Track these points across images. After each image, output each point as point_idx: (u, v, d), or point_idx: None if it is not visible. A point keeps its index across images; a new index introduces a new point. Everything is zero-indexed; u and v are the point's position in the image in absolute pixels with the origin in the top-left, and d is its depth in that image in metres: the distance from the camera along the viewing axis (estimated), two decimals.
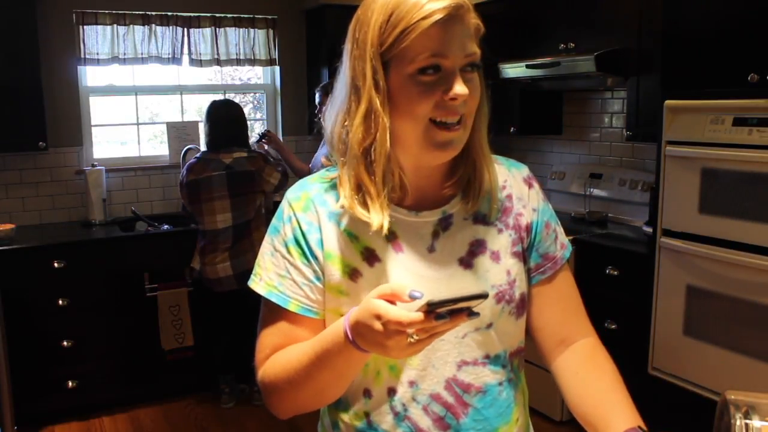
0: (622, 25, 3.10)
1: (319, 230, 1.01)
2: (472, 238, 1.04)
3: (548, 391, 3.07)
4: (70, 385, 3.47)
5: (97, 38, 3.90)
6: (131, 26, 3.97)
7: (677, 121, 2.58)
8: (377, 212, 0.97)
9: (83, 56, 3.88)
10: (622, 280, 2.96)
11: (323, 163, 1.04)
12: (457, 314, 0.80)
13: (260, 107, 4.69)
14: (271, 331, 1.02)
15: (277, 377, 0.98)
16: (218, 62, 4.23)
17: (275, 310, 1.02)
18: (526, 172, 1.13)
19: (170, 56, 4.09)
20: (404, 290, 0.83)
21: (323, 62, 4.28)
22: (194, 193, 3.39)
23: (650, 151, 3.26)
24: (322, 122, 1.06)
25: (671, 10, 2.72)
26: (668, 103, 2.60)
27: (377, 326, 0.82)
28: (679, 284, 2.61)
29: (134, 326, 3.60)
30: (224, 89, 4.51)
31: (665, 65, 2.78)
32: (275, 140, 3.88)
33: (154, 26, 4.02)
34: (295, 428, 3.30)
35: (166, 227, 3.90)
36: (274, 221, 1.06)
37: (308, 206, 1.03)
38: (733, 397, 0.82)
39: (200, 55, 4.17)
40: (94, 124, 4.08)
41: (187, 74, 4.33)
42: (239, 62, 4.31)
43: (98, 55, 3.92)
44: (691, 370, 2.59)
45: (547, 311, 1.09)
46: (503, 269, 1.04)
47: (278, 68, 4.50)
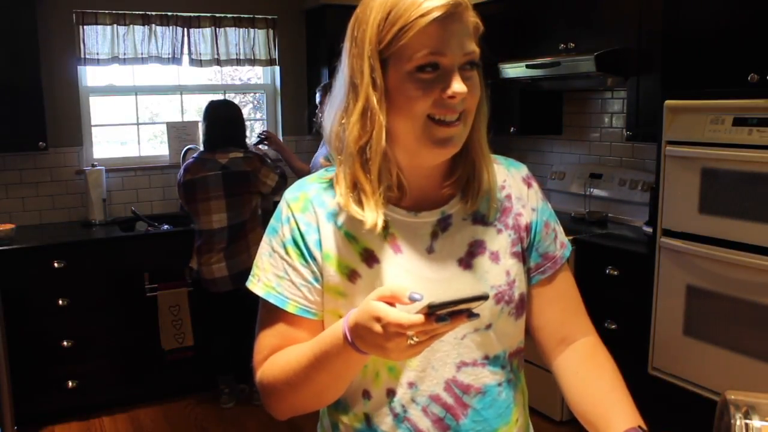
0: (622, 25, 3.10)
1: (317, 231, 1.01)
2: (471, 238, 1.03)
3: (548, 391, 3.07)
4: (70, 385, 3.47)
5: (97, 38, 3.91)
6: (131, 26, 3.97)
7: (677, 121, 2.58)
8: (371, 210, 0.96)
9: (83, 56, 3.88)
10: (622, 280, 2.96)
11: (322, 163, 1.03)
12: (457, 316, 0.80)
13: (260, 107, 4.68)
14: (269, 332, 1.02)
15: (275, 379, 0.98)
16: (218, 62, 4.23)
17: (273, 311, 1.01)
18: (525, 171, 1.12)
19: (170, 56, 4.09)
20: (404, 292, 0.82)
21: (323, 62, 4.27)
22: (190, 192, 3.40)
23: (650, 151, 3.26)
24: (321, 121, 1.06)
25: (671, 10, 2.72)
26: (668, 103, 2.60)
27: (377, 328, 0.81)
28: (679, 284, 2.61)
29: (134, 326, 3.60)
30: (224, 89, 4.51)
31: (665, 65, 2.78)
32: (275, 141, 3.88)
33: (154, 26, 4.02)
34: (295, 428, 3.29)
35: (166, 227, 3.90)
36: (272, 222, 1.05)
37: (307, 207, 1.02)
38: (733, 397, 0.82)
39: (200, 55, 4.17)
40: (94, 124, 4.08)
41: (187, 74, 4.33)
42: (239, 62, 4.31)
43: (98, 55, 3.92)
44: (691, 370, 2.59)
45: (547, 311, 1.09)
46: (502, 270, 1.03)
47: (278, 68, 4.50)
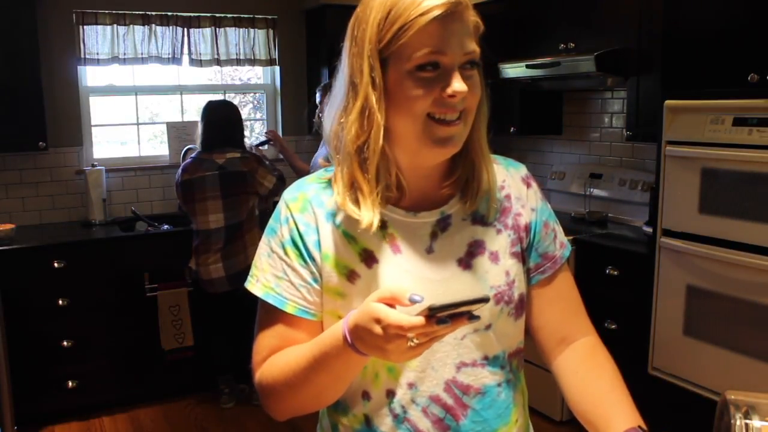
0: (622, 25, 3.10)
1: (316, 231, 1.00)
2: (470, 238, 1.03)
3: (548, 391, 3.07)
4: (70, 385, 3.47)
5: (97, 38, 3.90)
6: (131, 26, 3.97)
7: (677, 121, 2.58)
8: (368, 210, 0.96)
9: (83, 56, 3.88)
10: (622, 280, 2.96)
11: (321, 164, 1.03)
12: (457, 317, 0.80)
13: (260, 107, 4.68)
14: (268, 333, 1.01)
15: (274, 380, 0.97)
16: (218, 62, 4.23)
17: (272, 311, 1.01)
18: (524, 171, 1.12)
19: (170, 56, 4.09)
20: (404, 294, 0.82)
21: (323, 62, 4.27)
22: (188, 192, 3.41)
23: (650, 151, 3.26)
24: (320, 121, 1.05)
25: (671, 10, 2.72)
26: (668, 103, 2.60)
27: (377, 330, 0.81)
28: (679, 284, 2.61)
29: (134, 326, 3.60)
30: (224, 89, 4.51)
31: (665, 65, 2.78)
32: (279, 141, 3.88)
33: (154, 26, 4.02)
34: (295, 428, 3.29)
35: (166, 227, 3.89)
36: (271, 222, 1.05)
37: (305, 207, 1.02)
38: (733, 397, 0.82)
39: (200, 55, 4.17)
40: (94, 124, 4.08)
41: (187, 74, 4.33)
42: (239, 62, 4.31)
43: (98, 55, 3.92)
44: (691, 370, 2.59)
45: (547, 311, 1.09)
46: (502, 270, 1.03)
47: (278, 68, 4.50)
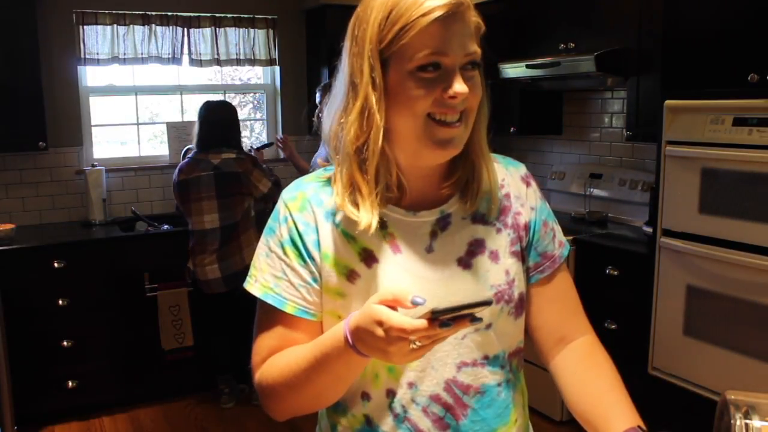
0: (622, 25, 3.10)
1: (315, 231, 1.00)
2: (470, 237, 1.03)
3: (548, 391, 3.06)
4: (70, 385, 3.47)
5: (97, 38, 3.90)
6: (131, 26, 3.96)
7: (677, 121, 2.58)
8: (367, 211, 0.95)
9: (83, 56, 3.88)
10: (622, 280, 2.96)
11: (320, 164, 1.02)
12: (460, 320, 0.80)
13: (260, 107, 4.68)
14: (267, 333, 1.01)
15: (274, 381, 0.97)
16: (218, 62, 4.23)
17: (271, 312, 1.00)
18: (523, 170, 1.12)
19: (170, 56, 4.09)
20: (406, 296, 0.82)
21: (323, 62, 4.27)
22: (184, 192, 3.42)
23: (650, 151, 3.26)
24: (319, 120, 1.05)
25: (671, 10, 2.71)
26: (668, 103, 2.60)
27: (379, 332, 0.81)
28: (679, 284, 2.61)
29: (134, 326, 3.60)
30: (224, 89, 4.51)
31: (665, 65, 2.78)
32: (289, 148, 3.89)
33: (154, 26, 4.02)
34: (295, 429, 3.29)
35: (166, 227, 3.89)
36: (270, 222, 1.04)
37: (305, 206, 1.01)
38: (733, 397, 0.82)
39: (200, 55, 4.17)
40: (94, 124, 4.08)
41: (187, 74, 4.32)
42: (239, 62, 4.31)
43: (98, 55, 3.92)
44: (691, 370, 2.59)
45: (545, 310, 1.09)
46: (502, 269, 1.03)
47: (278, 68, 4.50)
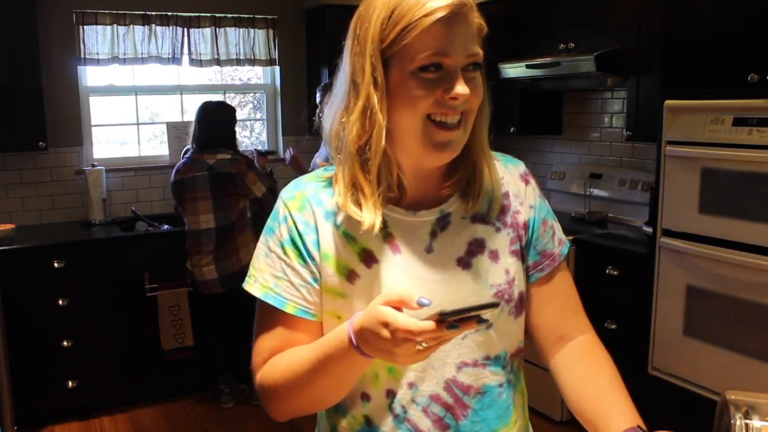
0: (622, 25, 3.10)
1: (315, 230, 0.99)
2: (470, 237, 1.02)
3: (548, 391, 3.06)
4: (70, 385, 3.47)
5: (97, 38, 3.90)
6: (131, 26, 3.96)
7: (677, 121, 2.58)
8: (370, 211, 0.95)
9: (83, 56, 3.88)
10: (622, 280, 2.96)
11: (319, 165, 1.02)
12: (466, 321, 0.80)
13: (260, 107, 4.68)
14: (267, 334, 1.00)
15: (276, 382, 0.97)
16: (218, 62, 4.22)
17: (271, 312, 1.00)
18: (522, 168, 1.11)
19: (170, 56, 4.09)
20: (412, 297, 0.81)
21: (323, 62, 4.27)
22: (180, 192, 3.44)
23: (650, 151, 3.26)
24: (320, 120, 1.04)
25: (671, 10, 2.71)
26: (668, 103, 2.60)
27: (384, 334, 0.81)
28: (679, 284, 2.61)
29: (134, 326, 3.60)
30: (224, 89, 4.51)
31: (665, 65, 2.78)
32: (298, 163, 3.73)
33: (154, 26, 4.02)
34: (295, 428, 3.29)
35: (166, 227, 3.89)
36: (269, 221, 1.04)
37: (304, 205, 1.01)
38: (733, 397, 0.82)
39: (200, 55, 4.17)
40: (94, 124, 4.08)
41: (187, 74, 4.32)
42: (239, 62, 4.31)
43: (98, 55, 3.92)
44: (691, 370, 2.59)
45: (545, 308, 1.08)
46: (502, 268, 1.03)
47: (278, 68, 4.49)
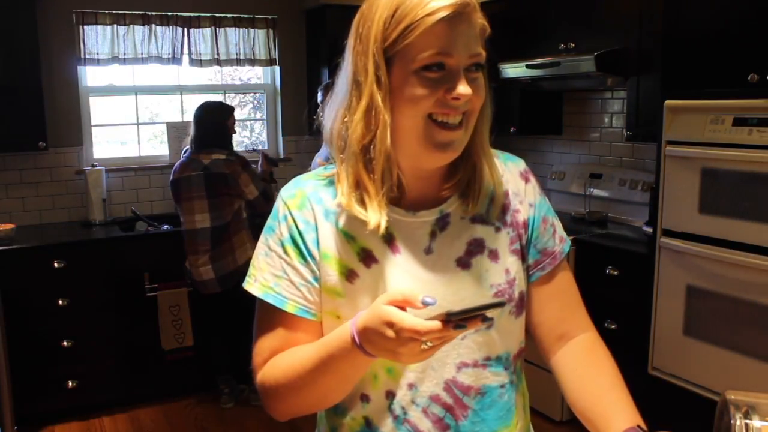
0: (622, 25, 3.10)
1: (315, 229, 0.99)
2: (470, 237, 1.02)
3: (548, 391, 3.07)
4: (70, 385, 3.47)
5: (97, 38, 3.90)
6: (131, 26, 3.96)
7: (677, 121, 2.58)
8: (375, 211, 0.95)
9: (83, 56, 3.88)
10: (622, 280, 2.96)
11: (320, 164, 1.02)
12: (472, 320, 0.80)
13: (260, 107, 4.68)
14: (268, 333, 1.00)
15: (277, 381, 0.96)
16: (218, 62, 4.22)
17: (271, 311, 0.99)
18: (522, 166, 1.11)
19: (170, 56, 4.09)
20: (416, 297, 0.81)
21: (323, 62, 4.27)
22: (176, 192, 3.46)
23: (650, 151, 3.26)
24: (321, 120, 1.03)
25: (671, 10, 2.71)
26: (668, 103, 2.60)
27: (389, 333, 0.80)
28: (679, 284, 2.61)
29: (134, 326, 3.60)
30: (224, 89, 4.51)
31: (665, 65, 2.78)
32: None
33: (154, 26, 4.02)
34: (295, 429, 3.29)
35: (166, 227, 3.89)
36: (269, 220, 1.03)
37: (304, 204, 1.00)
38: (733, 397, 0.82)
39: (200, 55, 4.17)
40: (94, 124, 4.08)
41: (187, 74, 4.32)
42: (239, 62, 4.31)
43: (98, 55, 3.92)
44: (691, 370, 2.59)
45: (546, 307, 1.08)
46: (502, 268, 1.02)
47: (278, 68, 4.49)
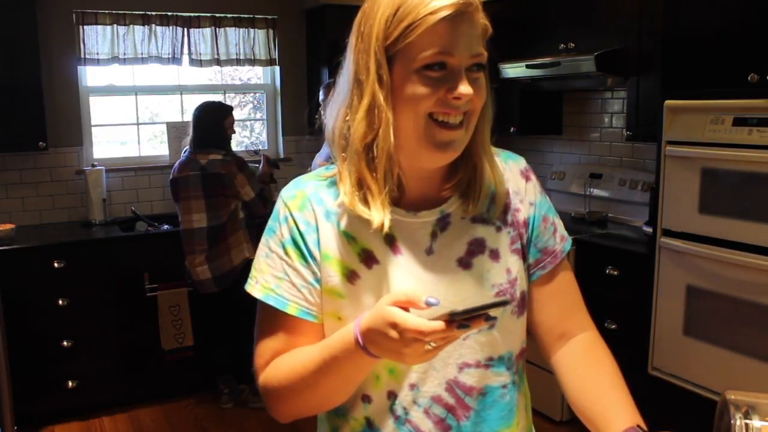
0: (622, 25, 3.10)
1: (316, 230, 0.99)
2: (470, 237, 1.02)
3: (548, 391, 3.07)
4: (70, 385, 3.47)
5: (97, 38, 3.90)
6: (131, 26, 3.96)
7: (677, 121, 2.58)
8: (378, 210, 0.94)
9: (83, 56, 3.88)
10: (622, 280, 2.96)
11: (320, 165, 1.01)
12: (475, 319, 0.80)
13: (260, 107, 4.68)
14: (269, 335, 1.00)
15: (280, 384, 0.96)
16: (218, 62, 4.22)
17: (273, 313, 0.99)
18: (523, 164, 1.10)
19: (170, 56, 4.09)
20: (419, 298, 0.81)
21: (323, 62, 4.27)
22: (175, 191, 3.47)
23: (650, 151, 3.26)
24: (323, 119, 1.03)
25: (671, 10, 2.71)
26: (668, 103, 2.60)
27: (393, 334, 0.80)
28: (679, 284, 2.61)
29: (134, 326, 3.60)
30: (224, 89, 4.51)
31: (665, 65, 2.78)
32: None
33: (154, 26, 4.02)
34: (296, 429, 3.29)
35: (166, 227, 3.89)
36: (270, 222, 1.03)
37: (305, 204, 1.00)
38: (733, 397, 0.82)
39: (200, 55, 4.17)
40: (94, 124, 4.08)
41: (187, 74, 4.32)
42: (239, 62, 4.31)
43: (98, 55, 3.92)
44: (691, 370, 2.59)
45: (547, 306, 1.08)
46: (503, 268, 1.02)
47: (278, 68, 4.49)
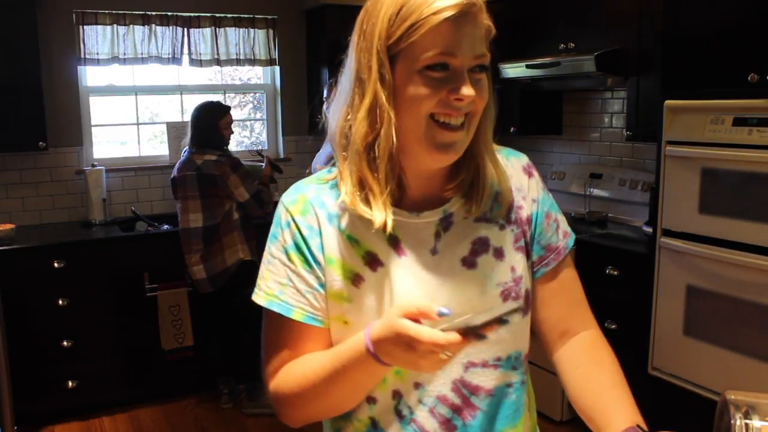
0: (622, 25, 3.10)
1: (319, 234, 0.98)
2: (474, 236, 1.01)
3: (549, 391, 3.07)
4: (70, 385, 3.46)
5: (97, 38, 3.90)
6: (131, 26, 3.96)
7: (677, 121, 2.58)
8: (380, 210, 0.93)
9: (83, 56, 3.88)
10: (622, 280, 2.96)
11: (318, 169, 1.01)
12: (488, 326, 0.80)
13: (260, 107, 4.68)
14: (276, 342, 0.99)
15: (291, 391, 0.96)
16: (218, 62, 4.22)
17: (278, 320, 0.98)
18: (525, 161, 1.10)
19: (170, 56, 4.09)
20: (432, 309, 0.81)
21: (323, 62, 4.27)
22: (174, 191, 3.50)
23: (650, 151, 3.26)
24: (325, 117, 1.02)
25: (671, 10, 2.71)
26: (668, 103, 2.60)
27: (407, 347, 0.81)
28: (679, 284, 2.61)
29: (134, 326, 3.60)
30: (224, 89, 4.51)
31: (665, 65, 2.78)
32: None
33: (154, 26, 4.02)
34: (298, 430, 3.29)
35: (166, 227, 3.89)
36: (272, 228, 1.02)
37: (307, 209, 0.99)
38: (733, 397, 0.82)
39: (200, 55, 4.17)
40: (94, 124, 4.08)
41: (187, 74, 4.32)
42: (239, 62, 4.31)
43: (98, 55, 3.92)
44: (691, 370, 2.59)
45: (550, 303, 1.07)
46: (507, 266, 1.02)
47: (278, 68, 4.49)
